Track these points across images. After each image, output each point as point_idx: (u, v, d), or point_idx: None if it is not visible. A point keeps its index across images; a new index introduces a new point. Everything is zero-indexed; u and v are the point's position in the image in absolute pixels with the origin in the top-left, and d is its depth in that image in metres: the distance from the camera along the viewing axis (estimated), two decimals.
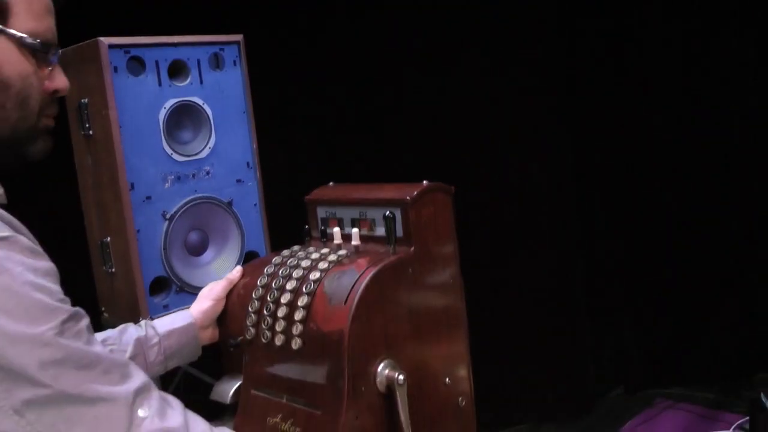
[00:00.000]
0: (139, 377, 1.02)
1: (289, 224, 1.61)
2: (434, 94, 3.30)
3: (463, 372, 1.58)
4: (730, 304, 3.35)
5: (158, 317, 1.57)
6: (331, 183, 1.66)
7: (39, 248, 1.01)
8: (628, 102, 3.35)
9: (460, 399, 1.56)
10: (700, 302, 3.42)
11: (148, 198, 2.24)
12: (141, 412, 0.99)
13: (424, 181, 1.51)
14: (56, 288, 1.00)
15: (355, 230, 1.51)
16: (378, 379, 1.39)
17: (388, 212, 1.46)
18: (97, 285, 2.35)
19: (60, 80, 1.15)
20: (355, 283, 1.37)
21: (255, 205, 2.43)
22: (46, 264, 1.01)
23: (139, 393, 1.00)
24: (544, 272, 3.38)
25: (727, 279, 3.35)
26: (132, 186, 2.20)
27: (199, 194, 2.32)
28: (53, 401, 0.93)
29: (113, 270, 2.26)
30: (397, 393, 1.38)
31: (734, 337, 3.35)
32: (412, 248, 1.46)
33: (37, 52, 1.10)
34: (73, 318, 0.99)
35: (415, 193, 1.47)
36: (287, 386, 1.44)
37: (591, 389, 3.51)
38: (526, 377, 3.35)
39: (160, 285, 2.27)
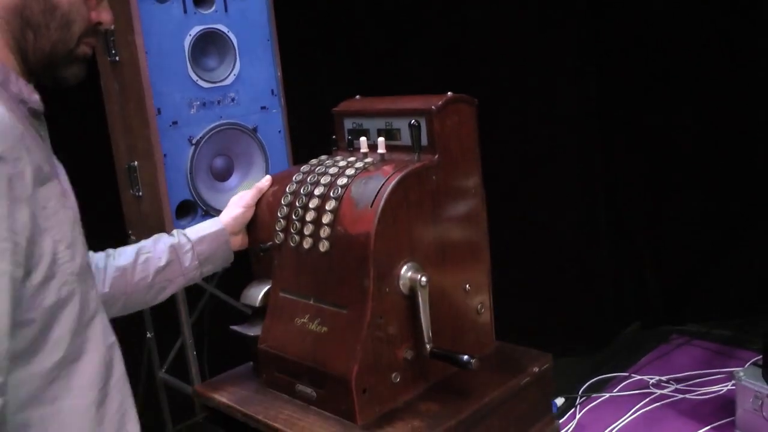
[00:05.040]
0: None
1: (312, 150, 1.64)
2: (457, 18, 3.27)
3: (482, 281, 1.61)
4: (748, 242, 3.36)
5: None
6: (357, 96, 1.68)
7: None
8: (654, 35, 3.32)
9: (479, 306, 1.59)
10: (718, 240, 3.43)
11: (175, 123, 2.28)
12: None
13: (449, 93, 1.53)
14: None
15: (381, 139, 1.53)
16: (401, 281, 1.42)
17: (413, 121, 1.48)
18: (125, 208, 2.40)
19: (106, 14, 1.21)
20: (381, 188, 1.40)
21: (279, 131, 2.47)
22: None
23: None
24: (567, 207, 3.39)
25: (745, 218, 3.35)
26: (159, 111, 2.24)
27: (224, 120, 2.36)
28: None
29: (140, 194, 2.31)
30: (419, 294, 1.42)
31: (751, 275, 3.36)
32: (437, 156, 1.48)
33: None
34: None
35: (440, 102, 1.49)
36: (314, 288, 1.47)
37: (609, 324, 3.54)
38: (545, 310, 3.38)
39: (186, 208, 2.33)
